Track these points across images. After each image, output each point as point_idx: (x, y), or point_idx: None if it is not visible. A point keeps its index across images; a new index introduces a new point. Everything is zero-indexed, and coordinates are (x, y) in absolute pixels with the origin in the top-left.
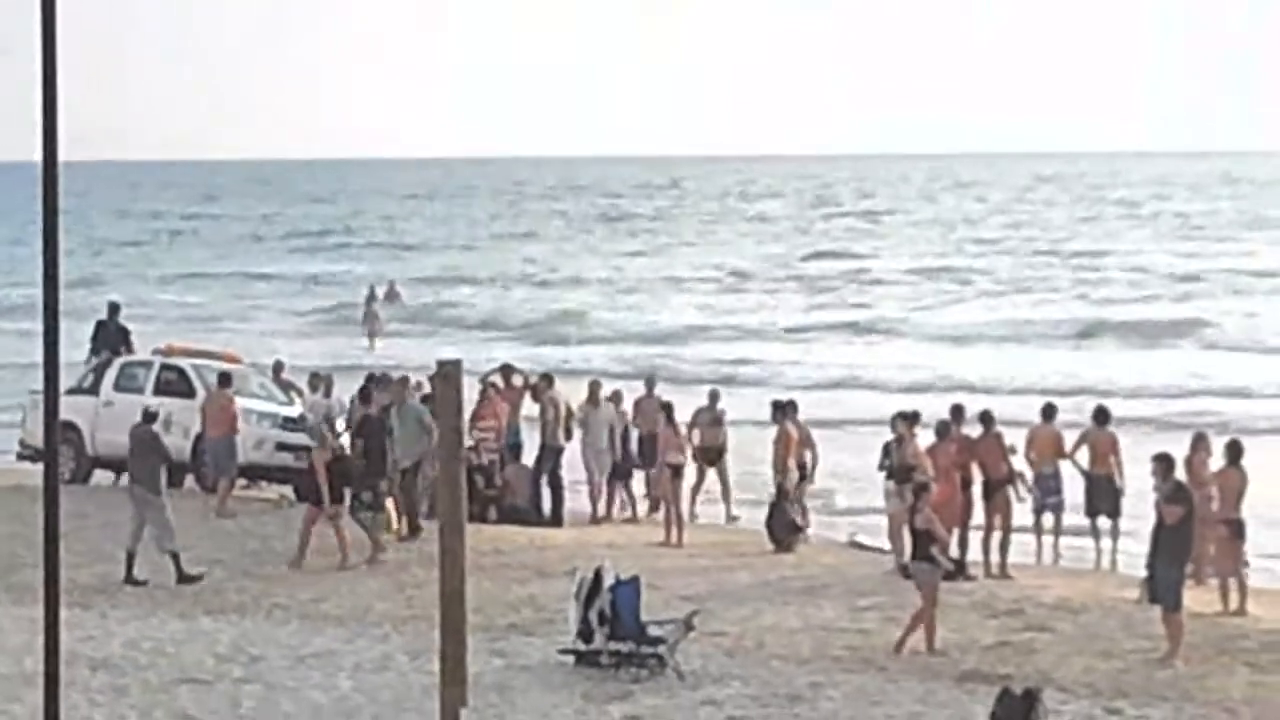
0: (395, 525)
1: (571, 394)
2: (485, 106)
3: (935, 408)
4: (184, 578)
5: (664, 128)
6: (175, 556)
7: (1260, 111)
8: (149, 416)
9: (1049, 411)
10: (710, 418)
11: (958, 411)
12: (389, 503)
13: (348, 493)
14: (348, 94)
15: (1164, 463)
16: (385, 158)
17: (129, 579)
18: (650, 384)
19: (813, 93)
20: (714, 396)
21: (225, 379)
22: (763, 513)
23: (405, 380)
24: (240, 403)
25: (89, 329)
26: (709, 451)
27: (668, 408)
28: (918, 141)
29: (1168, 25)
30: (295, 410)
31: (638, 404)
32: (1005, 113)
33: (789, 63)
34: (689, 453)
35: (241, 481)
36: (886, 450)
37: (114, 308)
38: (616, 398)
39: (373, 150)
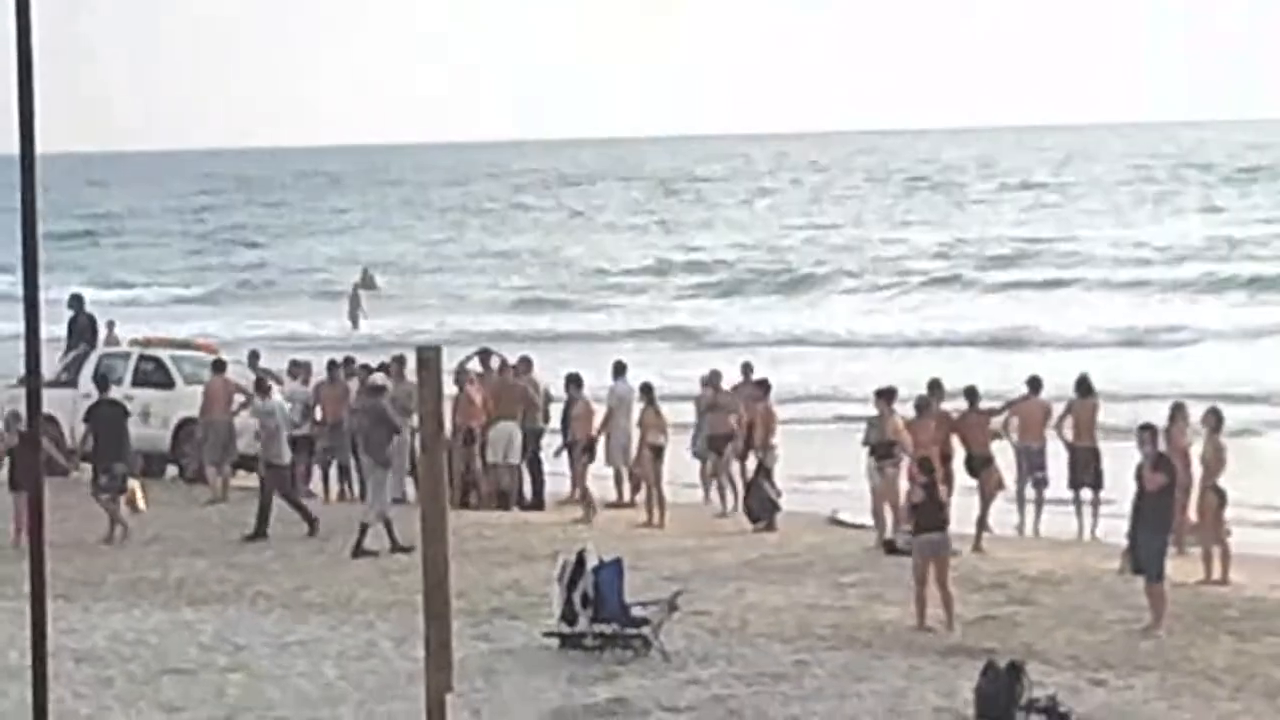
0: (141, 505)
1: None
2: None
3: None
4: (361, 550)
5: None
6: (365, 529)
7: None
8: (376, 389)
9: (1035, 384)
10: (750, 393)
11: (935, 386)
12: (133, 484)
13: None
14: (342, 83)
15: (1148, 431)
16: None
17: (395, 547)
18: (748, 370)
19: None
20: (747, 369)
21: (220, 365)
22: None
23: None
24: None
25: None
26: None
27: (647, 388)
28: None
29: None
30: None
31: (736, 389)
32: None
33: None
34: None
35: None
36: (869, 425)
37: (78, 300)
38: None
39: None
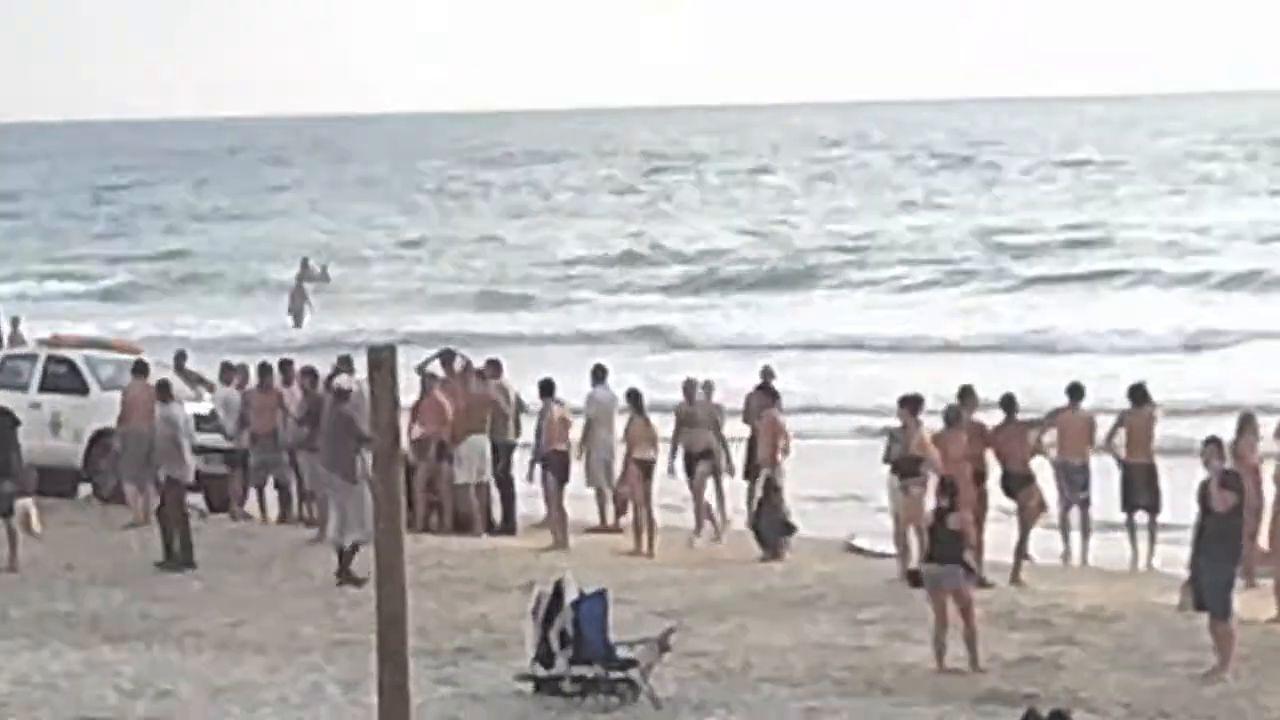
0: (35, 527)
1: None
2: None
3: None
4: (349, 578)
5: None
6: (354, 550)
7: None
8: (342, 394)
9: (1076, 393)
10: (759, 401)
11: (967, 394)
12: (26, 503)
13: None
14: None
15: (1214, 446)
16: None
17: (346, 578)
18: (767, 375)
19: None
20: (766, 375)
21: (141, 367)
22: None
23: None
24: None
25: None
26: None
27: (634, 396)
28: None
29: None
30: (205, 407)
31: (749, 399)
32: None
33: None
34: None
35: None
36: (891, 439)
37: None
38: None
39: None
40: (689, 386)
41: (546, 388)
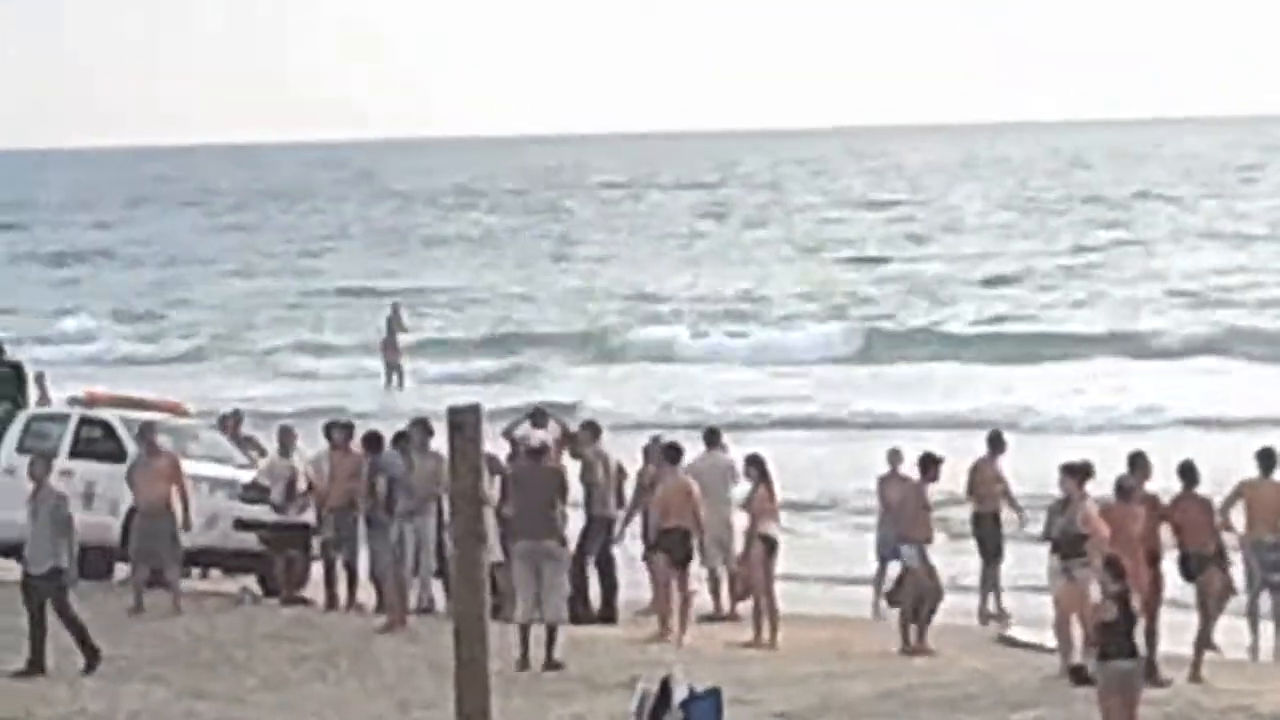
0: None
1: None
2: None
3: None
4: (552, 664)
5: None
6: (554, 632)
7: None
8: (536, 452)
9: (1269, 460)
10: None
11: (1138, 461)
12: None
13: None
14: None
15: None
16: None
17: (523, 663)
18: (894, 458)
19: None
20: (996, 442)
21: (148, 429)
22: None
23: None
24: (187, 467)
25: None
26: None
27: (758, 461)
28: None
29: None
30: (249, 475)
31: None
32: None
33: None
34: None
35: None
36: (1051, 513)
37: None
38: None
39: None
40: (657, 449)
41: (671, 453)
